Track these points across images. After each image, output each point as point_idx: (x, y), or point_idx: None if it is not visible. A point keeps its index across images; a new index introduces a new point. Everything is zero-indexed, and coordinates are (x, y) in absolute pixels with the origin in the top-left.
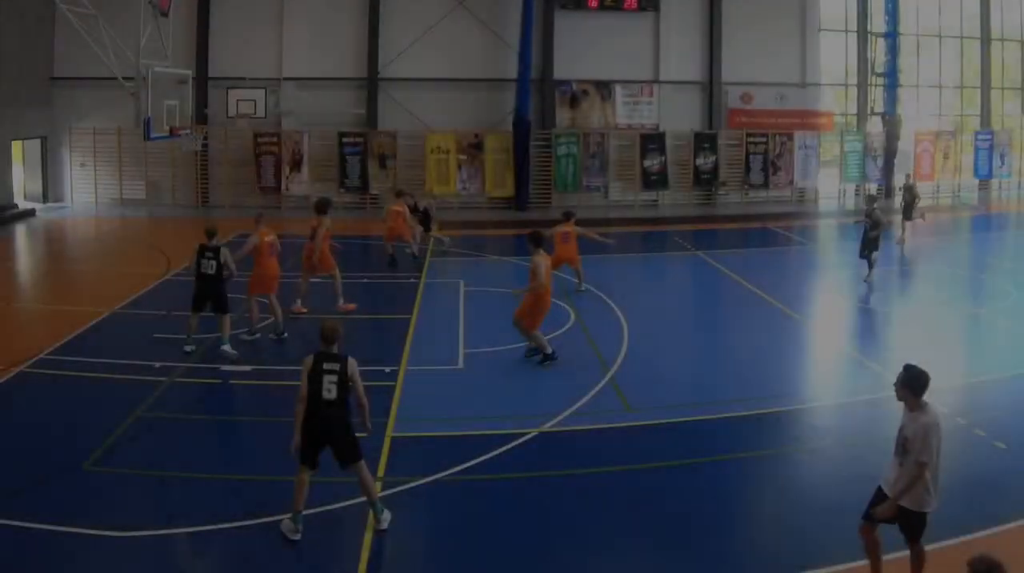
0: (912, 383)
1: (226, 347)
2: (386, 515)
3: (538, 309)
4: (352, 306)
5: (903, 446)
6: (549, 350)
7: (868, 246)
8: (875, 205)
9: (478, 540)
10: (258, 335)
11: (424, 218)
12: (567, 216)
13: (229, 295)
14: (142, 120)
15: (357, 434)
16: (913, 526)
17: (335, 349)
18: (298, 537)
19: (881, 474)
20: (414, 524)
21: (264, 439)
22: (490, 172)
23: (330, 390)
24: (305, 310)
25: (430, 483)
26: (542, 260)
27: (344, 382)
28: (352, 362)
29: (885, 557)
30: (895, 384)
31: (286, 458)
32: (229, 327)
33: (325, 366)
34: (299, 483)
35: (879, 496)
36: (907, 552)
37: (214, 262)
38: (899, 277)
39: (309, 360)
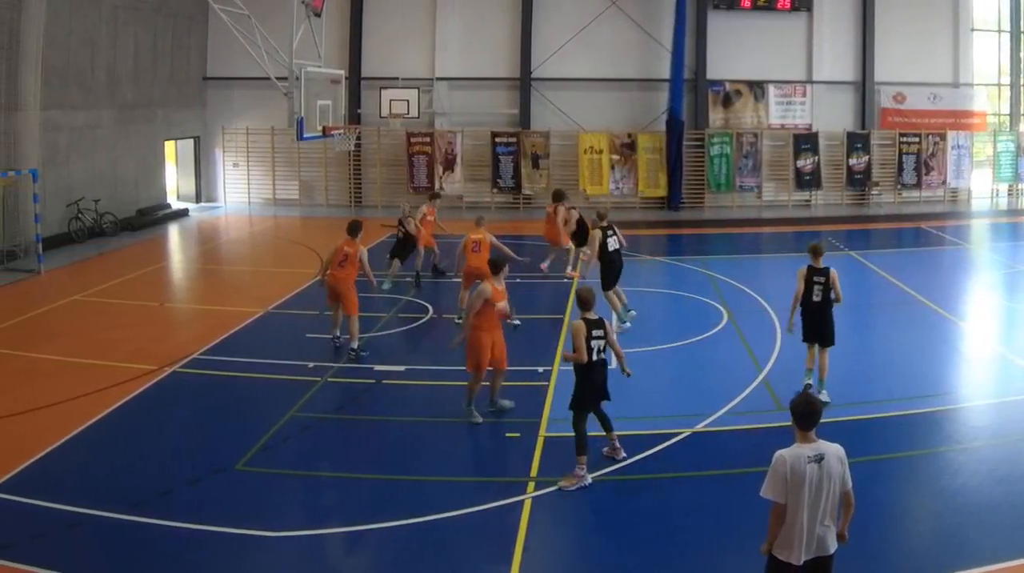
0: (793, 410)
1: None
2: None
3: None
4: (576, 273)
5: None
6: None
7: None
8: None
9: (631, 540)
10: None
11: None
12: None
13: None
14: (295, 120)
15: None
16: None
17: (593, 314)
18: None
19: None
20: (567, 524)
21: (417, 439)
22: (643, 172)
23: (601, 352)
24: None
25: None
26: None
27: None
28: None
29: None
30: None
31: (438, 458)
32: (619, 302)
33: (594, 333)
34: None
35: None
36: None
37: (615, 238)
38: None
39: (581, 325)
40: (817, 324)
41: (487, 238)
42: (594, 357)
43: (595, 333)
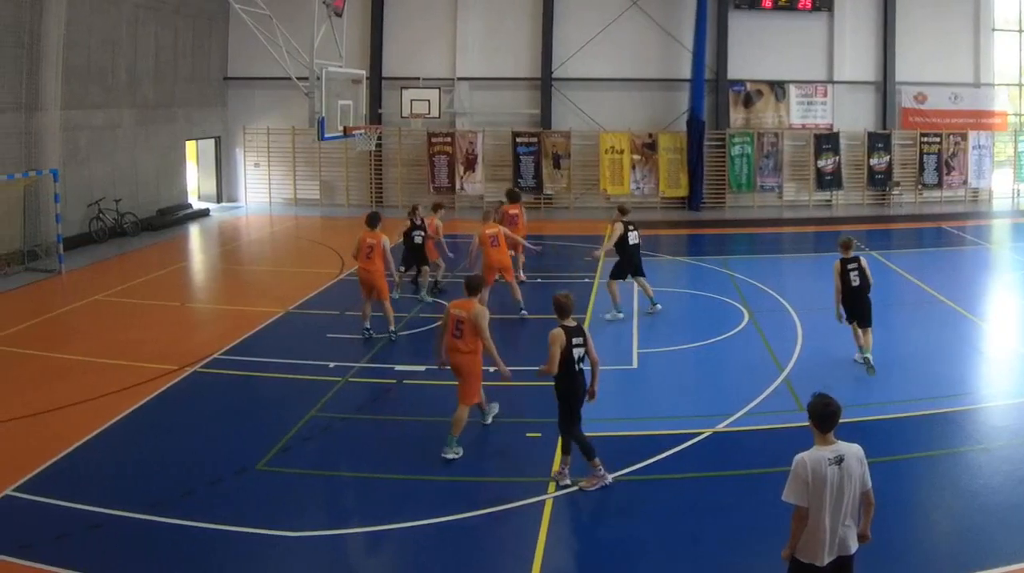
0: (811, 412)
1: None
2: None
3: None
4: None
5: None
6: None
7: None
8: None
9: (651, 540)
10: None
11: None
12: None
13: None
14: (316, 120)
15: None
16: None
17: (572, 321)
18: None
19: None
20: (588, 523)
21: (437, 439)
22: (664, 172)
23: (581, 362)
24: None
25: None
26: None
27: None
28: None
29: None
30: None
31: (459, 458)
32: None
33: (574, 341)
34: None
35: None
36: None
37: (636, 233)
38: None
39: (560, 334)
40: (858, 306)
41: (501, 231)
42: (576, 367)
43: (575, 341)
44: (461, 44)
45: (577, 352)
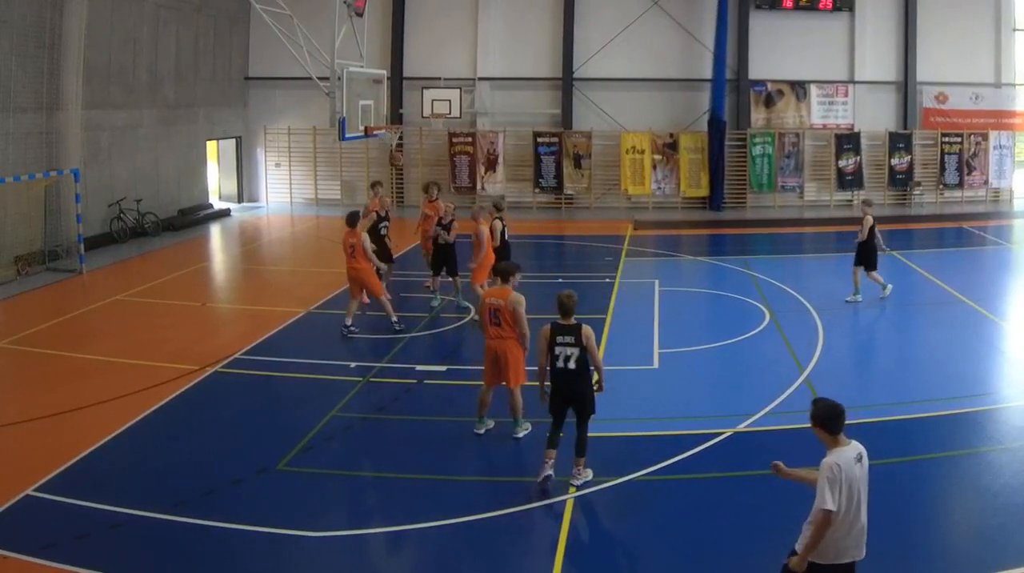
0: (820, 417)
1: None
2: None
3: None
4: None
5: None
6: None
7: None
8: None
9: (672, 540)
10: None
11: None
12: None
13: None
14: (337, 120)
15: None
16: None
17: (572, 320)
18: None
19: None
20: (608, 524)
21: (459, 439)
22: (685, 172)
23: (568, 361)
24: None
25: (624, 483)
26: None
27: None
28: (587, 329)
29: None
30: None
31: (480, 458)
32: None
33: (559, 339)
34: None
35: None
36: None
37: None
38: None
39: (546, 329)
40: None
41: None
42: (559, 364)
43: (560, 339)
44: (482, 44)
45: (561, 350)
